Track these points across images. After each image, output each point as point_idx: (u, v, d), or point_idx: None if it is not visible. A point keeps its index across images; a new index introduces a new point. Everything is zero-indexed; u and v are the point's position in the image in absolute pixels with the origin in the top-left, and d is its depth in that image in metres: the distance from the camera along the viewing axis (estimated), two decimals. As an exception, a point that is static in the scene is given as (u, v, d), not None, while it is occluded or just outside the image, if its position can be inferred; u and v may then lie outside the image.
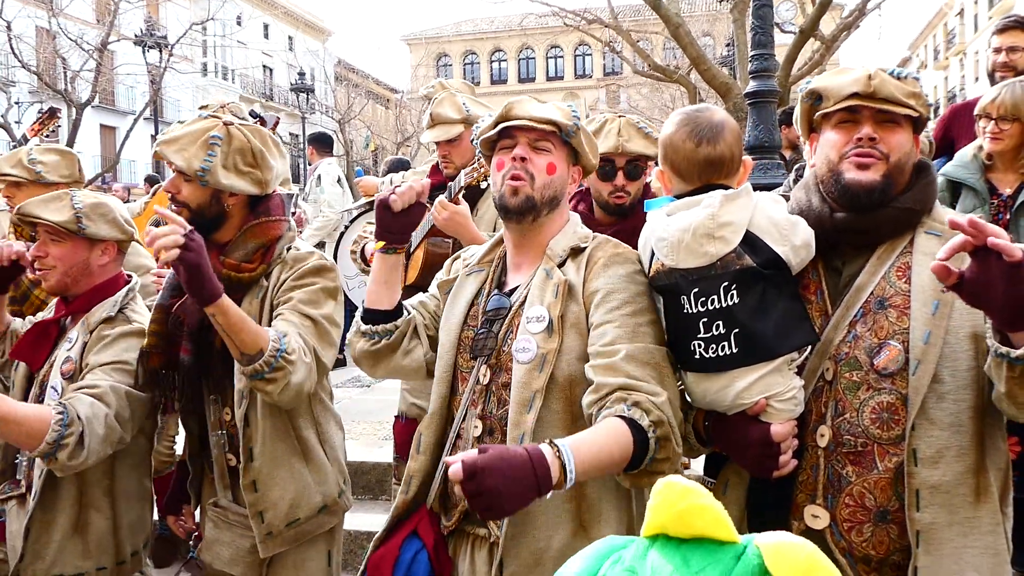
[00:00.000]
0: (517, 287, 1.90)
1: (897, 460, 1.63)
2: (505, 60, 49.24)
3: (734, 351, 1.67)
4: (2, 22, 18.14)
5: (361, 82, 38.02)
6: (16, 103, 20.72)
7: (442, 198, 2.78)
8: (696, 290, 1.69)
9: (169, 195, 2.23)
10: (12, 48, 18.60)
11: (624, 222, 2.63)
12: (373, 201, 5.54)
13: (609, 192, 2.66)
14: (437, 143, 3.17)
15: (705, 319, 1.69)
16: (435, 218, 2.75)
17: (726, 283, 1.66)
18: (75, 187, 3.09)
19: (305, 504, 2.27)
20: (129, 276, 2.54)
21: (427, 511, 1.89)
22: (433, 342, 2.00)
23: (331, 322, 2.23)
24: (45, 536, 2.31)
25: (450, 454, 1.84)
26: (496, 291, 1.92)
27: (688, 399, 1.83)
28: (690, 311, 1.70)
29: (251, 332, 2.04)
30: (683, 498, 0.85)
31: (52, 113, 4.90)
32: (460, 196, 2.77)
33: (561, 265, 1.86)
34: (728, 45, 16.99)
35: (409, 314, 1.99)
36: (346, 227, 6.28)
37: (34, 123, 4.81)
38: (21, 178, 3.13)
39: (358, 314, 2.02)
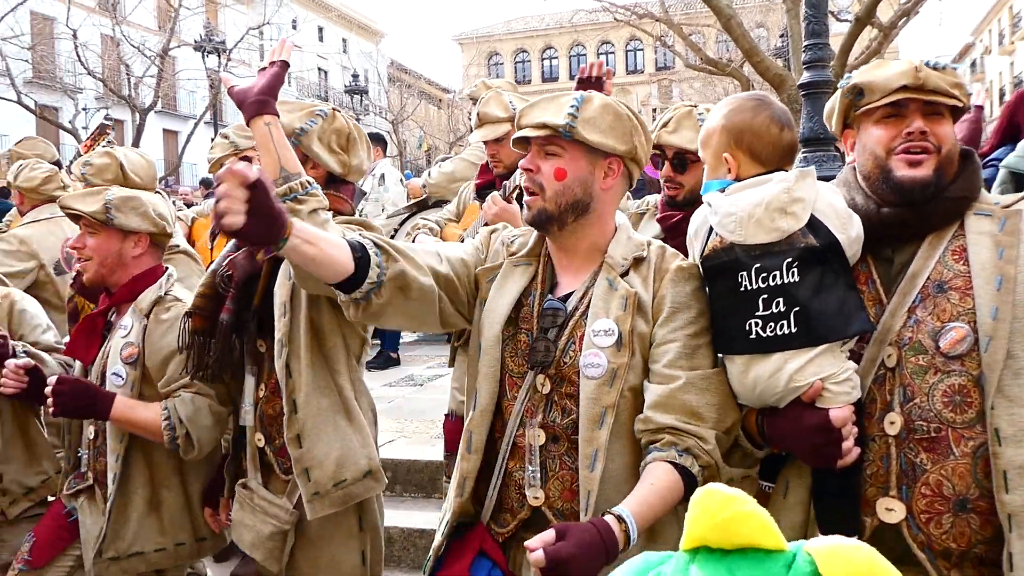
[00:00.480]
0: (571, 293, 1.84)
1: (973, 444, 1.58)
2: (556, 57, 49.13)
3: (792, 330, 1.63)
4: (68, 30, 18.78)
5: (414, 83, 38.36)
6: (83, 109, 21.42)
7: (495, 194, 2.81)
8: (758, 265, 1.66)
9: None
10: (79, 55, 19.24)
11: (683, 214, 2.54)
12: (419, 203, 5.61)
13: (663, 182, 2.63)
14: (485, 142, 3.19)
15: (765, 295, 1.65)
16: (485, 213, 2.77)
17: (789, 259, 1.64)
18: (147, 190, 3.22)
19: (351, 464, 2.23)
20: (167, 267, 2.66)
21: (484, 528, 1.84)
22: (447, 286, 1.83)
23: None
24: (123, 516, 2.44)
25: (507, 462, 1.82)
26: (549, 296, 1.85)
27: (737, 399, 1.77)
28: (749, 287, 1.67)
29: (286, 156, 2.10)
30: (725, 507, 0.80)
31: (102, 129, 5.07)
32: (513, 196, 2.77)
33: (624, 275, 1.80)
34: (782, 36, 16.70)
35: (380, 266, 1.71)
36: (395, 230, 6.37)
37: (87, 139, 4.98)
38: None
39: None
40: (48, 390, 2.30)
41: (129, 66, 20.67)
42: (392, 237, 5.94)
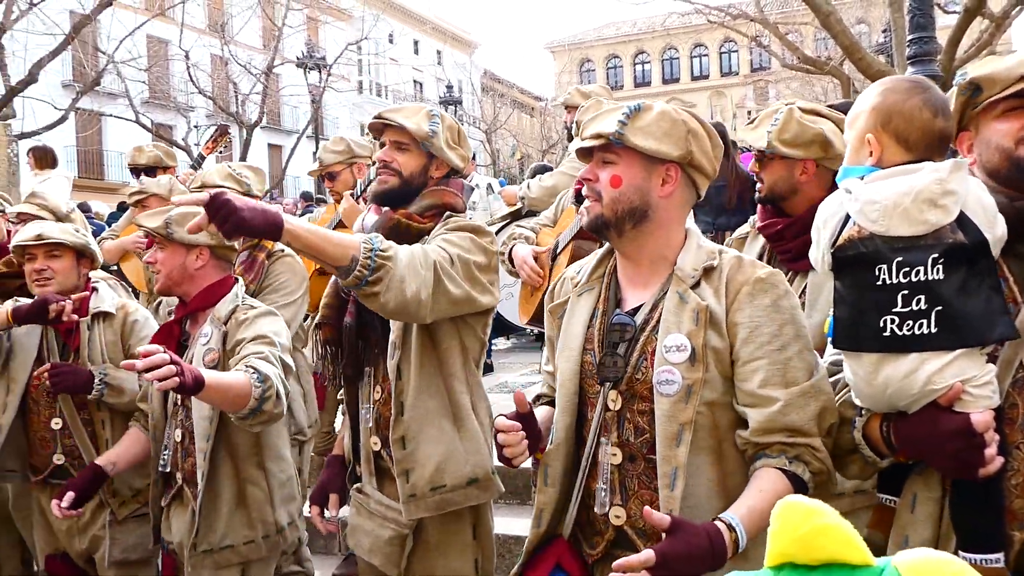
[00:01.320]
0: (640, 307, 1.81)
1: None
2: (648, 62, 48.65)
3: (932, 330, 1.53)
4: (181, 52, 19.79)
5: (506, 92, 38.69)
6: (195, 127, 22.50)
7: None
8: (900, 259, 1.55)
9: (381, 163, 2.34)
10: (190, 76, 20.24)
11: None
12: (514, 213, 5.66)
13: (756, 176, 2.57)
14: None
15: (905, 291, 1.55)
16: (582, 220, 2.80)
17: (935, 255, 1.53)
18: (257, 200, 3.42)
19: (452, 471, 2.23)
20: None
21: (566, 543, 1.84)
22: None
23: (477, 267, 2.22)
24: (214, 512, 2.58)
25: (584, 482, 1.81)
26: (617, 310, 1.83)
27: (857, 403, 1.68)
28: (888, 282, 1.56)
29: (335, 243, 1.96)
30: (806, 520, 0.77)
31: (223, 131, 5.27)
32: None
33: (695, 287, 1.76)
34: (884, 31, 16.08)
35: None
36: None
37: (207, 142, 5.21)
38: (233, 188, 3.44)
39: None
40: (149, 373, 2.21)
41: (236, 84, 21.61)
42: None
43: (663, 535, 1.52)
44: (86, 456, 2.95)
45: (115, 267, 4.54)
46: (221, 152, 5.26)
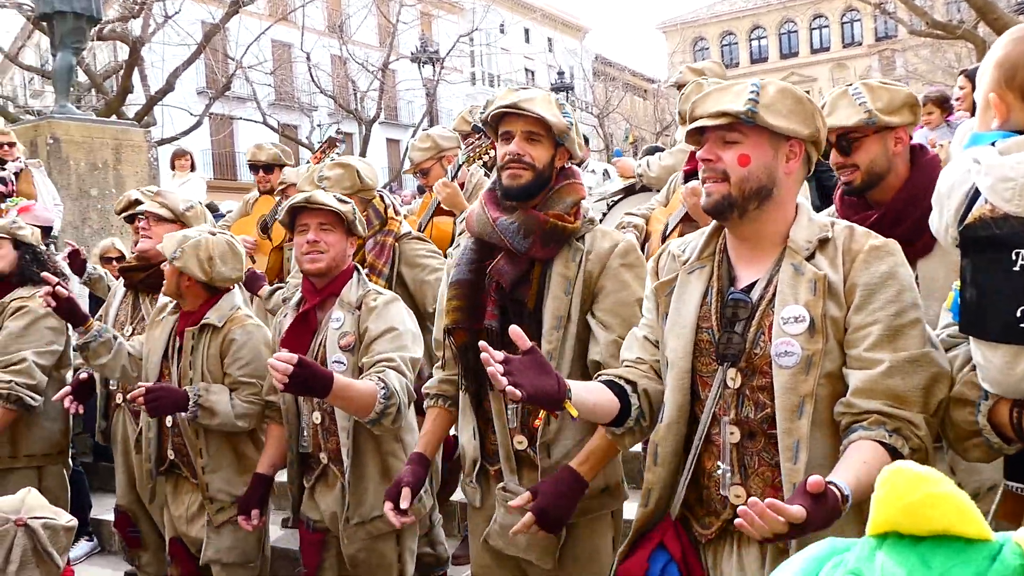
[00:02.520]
0: (755, 283, 1.79)
1: None
2: (765, 37, 46.99)
3: None
4: (303, 54, 20.64)
5: (618, 75, 38.25)
6: (318, 125, 23.40)
7: (695, 183, 2.81)
8: None
9: (512, 156, 2.27)
10: (312, 76, 21.07)
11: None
12: (628, 188, 5.64)
13: (837, 171, 2.45)
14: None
15: None
16: (684, 199, 2.80)
17: None
18: (363, 194, 3.52)
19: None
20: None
21: (672, 522, 1.85)
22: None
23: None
24: (361, 486, 2.75)
25: (697, 461, 1.81)
26: (731, 288, 1.81)
27: (984, 385, 1.57)
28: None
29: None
30: (916, 487, 0.72)
31: (332, 142, 5.49)
32: None
33: (810, 258, 1.73)
34: (1026, -10, 14.99)
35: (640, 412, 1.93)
36: (604, 214, 6.46)
37: (316, 151, 5.43)
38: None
39: None
40: (278, 375, 2.27)
41: (355, 82, 22.34)
42: (600, 222, 6.08)
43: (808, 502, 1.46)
44: (191, 453, 3.11)
45: None
46: (333, 159, 5.47)
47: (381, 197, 3.64)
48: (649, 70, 46.80)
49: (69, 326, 3.63)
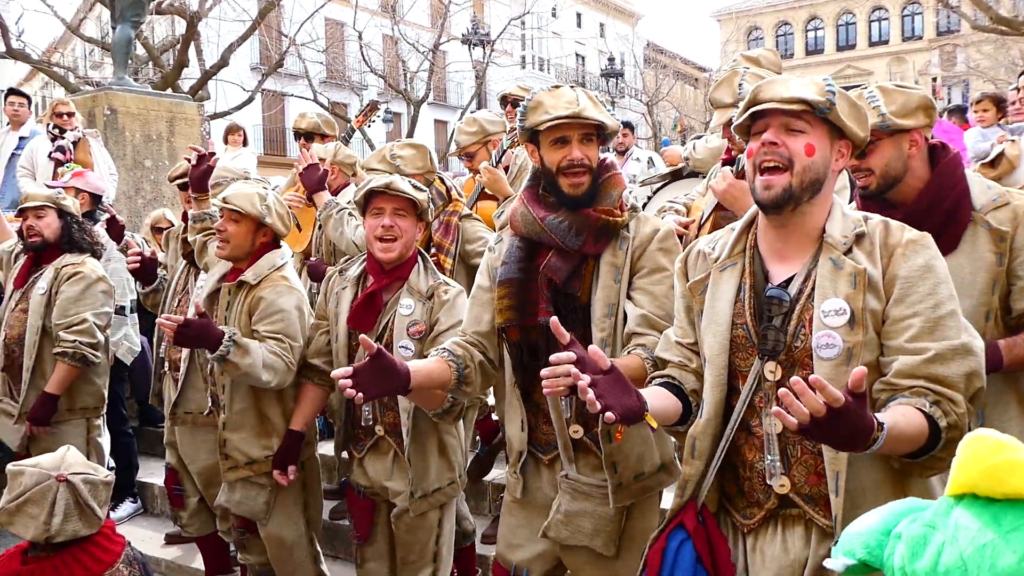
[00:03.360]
0: (790, 279, 1.82)
1: None
2: (822, 28, 46.03)
3: None
4: (355, 32, 20.79)
5: (669, 63, 37.85)
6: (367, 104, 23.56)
7: (726, 170, 2.81)
8: None
9: (575, 162, 2.28)
10: (363, 55, 21.22)
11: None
12: (674, 172, 5.62)
13: (851, 174, 2.44)
14: (722, 126, 3.20)
15: None
16: (714, 189, 2.80)
17: None
18: (429, 175, 3.66)
19: (649, 459, 2.37)
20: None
21: (694, 505, 1.90)
22: None
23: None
24: (423, 462, 2.89)
25: (738, 453, 1.85)
26: (767, 284, 1.84)
27: None
28: None
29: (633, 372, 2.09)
30: (995, 452, 0.77)
31: (373, 106, 5.53)
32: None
33: (847, 253, 1.76)
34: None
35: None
36: (648, 198, 6.43)
37: (358, 115, 5.48)
38: (385, 172, 3.70)
39: None
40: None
41: (405, 62, 22.45)
42: (643, 207, 6.04)
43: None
44: (223, 400, 3.18)
45: None
46: (370, 125, 5.50)
47: (441, 179, 3.74)
48: (701, 58, 46.18)
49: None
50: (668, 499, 3.68)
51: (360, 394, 2.01)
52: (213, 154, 3.70)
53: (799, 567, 1.78)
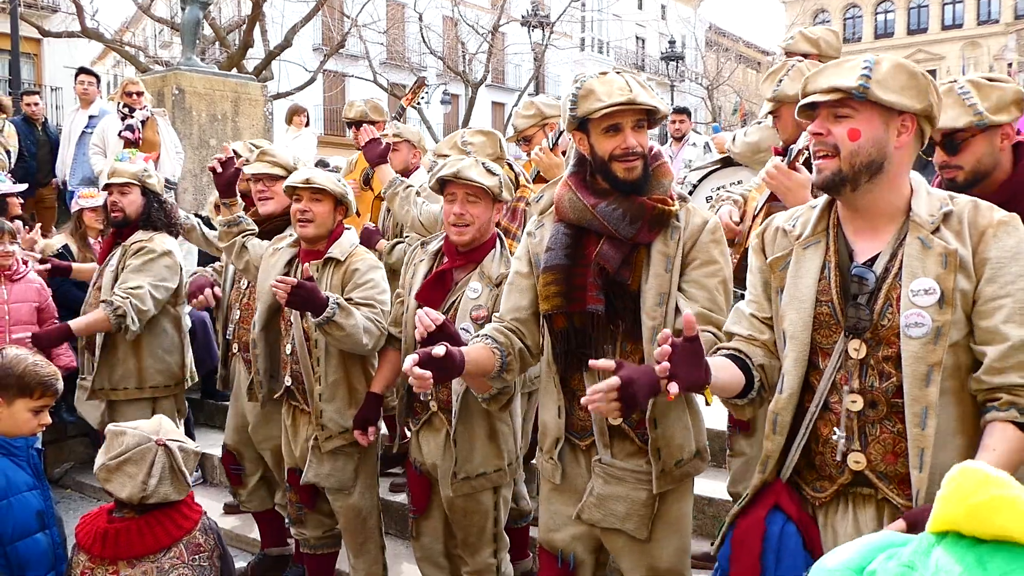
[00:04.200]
0: (875, 257, 1.84)
1: None
2: (892, 11, 44.57)
3: None
4: (415, 14, 20.87)
5: (731, 46, 37.17)
6: (426, 85, 23.63)
7: (777, 160, 2.78)
8: None
9: (627, 150, 2.29)
10: (423, 37, 21.29)
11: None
12: (724, 158, 5.51)
13: (939, 168, 2.39)
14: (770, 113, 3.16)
15: None
16: (766, 180, 2.76)
17: None
18: (498, 162, 3.66)
19: (687, 446, 2.40)
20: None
21: (784, 485, 1.93)
22: None
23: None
24: (469, 444, 2.91)
25: (814, 428, 1.88)
26: (852, 263, 1.86)
27: None
28: None
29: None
30: (982, 488, 0.71)
31: (421, 83, 5.54)
32: (798, 162, 2.70)
33: (934, 232, 1.78)
34: None
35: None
36: (695, 185, 6.35)
37: (407, 93, 5.50)
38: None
39: None
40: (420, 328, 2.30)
41: (465, 43, 22.46)
42: (690, 192, 5.96)
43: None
44: (307, 382, 3.22)
45: None
46: (418, 104, 5.52)
47: (510, 165, 3.77)
48: (764, 42, 45.17)
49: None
50: (700, 483, 3.75)
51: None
52: (235, 158, 3.72)
53: None
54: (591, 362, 1.84)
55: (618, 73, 2.32)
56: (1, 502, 2.31)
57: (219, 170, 3.60)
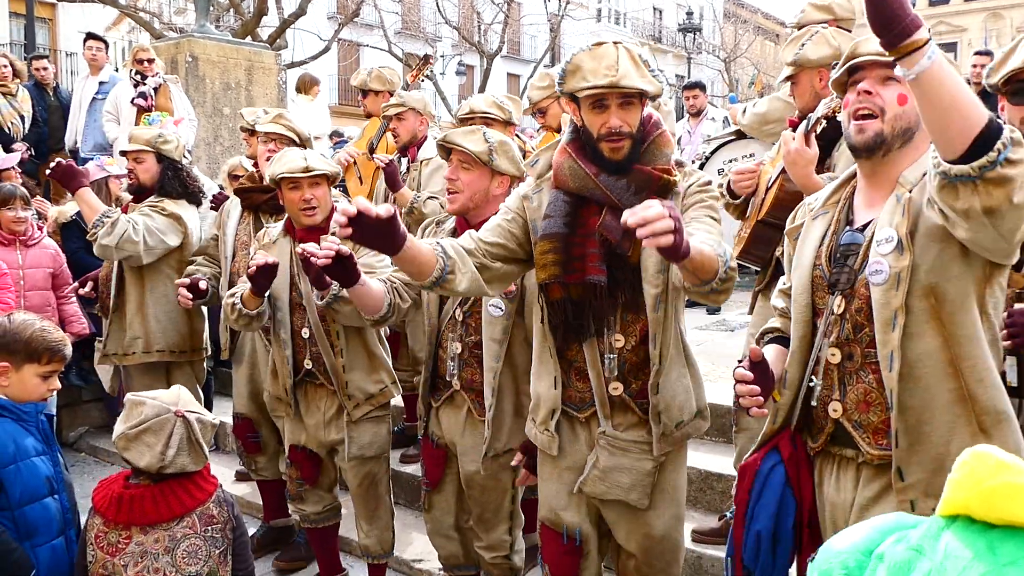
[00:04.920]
0: (870, 222, 1.90)
1: None
2: (919, -19, 43.75)
3: None
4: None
5: (750, 17, 36.64)
6: (440, 56, 23.49)
7: (788, 132, 2.73)
8: None
9: (617, 129, 2.28)
10: (438, 6, 21.11)
11: None
12: (738, 130, 5.41)
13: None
14: (788, 78, 3.07)
15: None
16: (784, 155, 2.72)
17: None
18: (514, 130, 3.64)
19: (688, 407, 2.44)
20: None
21: (789, 432, 2.03)
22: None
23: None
24: (499, 422, 2.90)
25: (810, 382, 1.96)
26: (847, 228, 1.94)
27: None
28: None
29: (703, 258, 2.01)
30: (995, 473, 0.69)
31: (426, 59, 5.52)
32: (812, 137, 2.65)
33: (910, 190, 1.83)
34: None
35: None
36: (707, 156, 6.29)
37: (413, 70, 5.47)
38: (497, 117, 3.71)
39: None
40: None
41: (480, 13, 22.27)
42: (702, 167, 5.88)
43: None
44: (327, 360, 3.25)
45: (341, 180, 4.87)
46: (423, 80, 5.50)
47: (519, 136, 3.70)
48: (784, 13, 44.43)
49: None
50: (709, 459, 3.77)
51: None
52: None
53: (847, 508, 1.91)
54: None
55: (616, 45, 2.25)
56: (9, 467, 2.31)
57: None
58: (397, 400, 3.93)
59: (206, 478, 2.43)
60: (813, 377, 1.94)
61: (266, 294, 3.23)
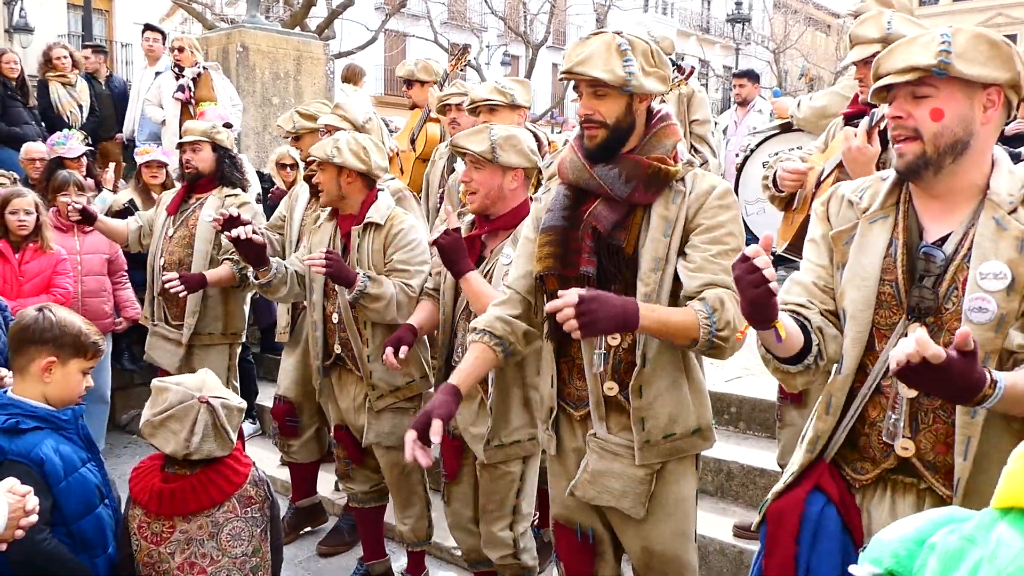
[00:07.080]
0: (946, 237, 1.74)
1: None
2: (974, -28, 42.51)
3: None
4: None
5: (800, 8, 35.96)
6: (487, 47, 23.49)
7: (849, 128, 2.65)
8: None
9: (586, 116, 2.24)
10: (484, -3, 21.12)
11: None
12: (784, 124, 5.31)
13: None
14: (855, 63, 2.90)
15: None
16: (844, 152, 2.63)
17: None
18: (525, 111, 3.65)
19: (682, 421, 2.28)
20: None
21: (827, 466, 1.87)
22: None
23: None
24: (506, 410, 2.92)
25: (864, 410, 1.82)
26: (921, 241, 1.76)
27: None
28: None
29: (669, 329, 2.05)
30: None
31: (464, 49, 5.54)
32: (876, 133, 2.57)
33: (1012, 212, 1.67)
34: None
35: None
36: (752, 149, 6.19)
37: (451, 60, 5.48)
38: (500, 102, 3.75)
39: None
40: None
41: (526, 4, 22.20)
42: (746, 159, 5.77)
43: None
44: (355, 347, 3.31)
45: None
46: (462, 70, 5.51)
47: (535, 134, 3.67)
48: (835, 3, 43.54)
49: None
50: (751, 455, 3.73)
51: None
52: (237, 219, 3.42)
53: None
54: (547, 305, 1.86)
55: (614, 35, 2.19)
56: (60, 485, 2.26)
57: (226, 231, 3.27)
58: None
59: (240, 460, 2.44)
60: (891, 413, 1.77)
61: (267, 265, 3.38)
